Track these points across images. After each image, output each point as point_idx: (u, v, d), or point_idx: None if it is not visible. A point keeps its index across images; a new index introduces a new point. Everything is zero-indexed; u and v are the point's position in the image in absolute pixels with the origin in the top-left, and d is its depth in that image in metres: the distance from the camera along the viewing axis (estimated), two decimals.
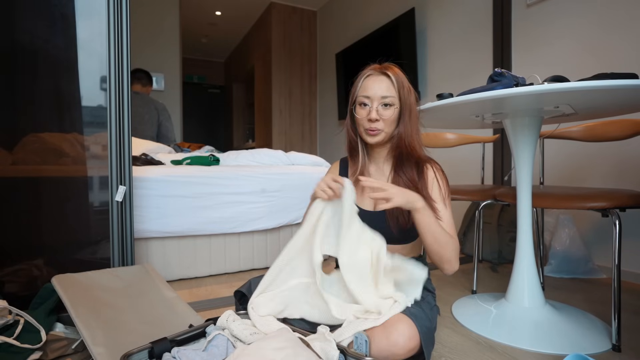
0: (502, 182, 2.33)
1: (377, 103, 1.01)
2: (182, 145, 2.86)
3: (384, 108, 1.01)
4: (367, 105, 1.02)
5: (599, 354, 1.05)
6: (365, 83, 1.04)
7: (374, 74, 1.03)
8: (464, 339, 1.15)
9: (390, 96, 1.00)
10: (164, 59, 4.08)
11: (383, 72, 1.02)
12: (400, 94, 1.01)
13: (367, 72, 1.05)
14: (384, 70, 1.02)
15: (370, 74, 1.04)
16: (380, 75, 1.02)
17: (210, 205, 1.79)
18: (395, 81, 1.01)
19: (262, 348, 0.72)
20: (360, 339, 0.84)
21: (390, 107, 1.01)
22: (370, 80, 1.03)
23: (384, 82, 1.01)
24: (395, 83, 1.01)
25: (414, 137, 1.03)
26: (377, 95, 1.01)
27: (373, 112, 1.00)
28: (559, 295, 1.55)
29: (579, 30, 1.94)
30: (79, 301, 1.04)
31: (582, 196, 1.13)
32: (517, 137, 1.24)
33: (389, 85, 1.01)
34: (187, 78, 6.44)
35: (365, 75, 1.04)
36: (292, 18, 4.62)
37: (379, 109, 1.01)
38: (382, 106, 1.01)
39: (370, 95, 1.01)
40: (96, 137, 1.34)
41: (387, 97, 1.00)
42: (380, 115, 1.01)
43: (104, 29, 1.32)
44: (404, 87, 1.01)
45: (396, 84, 1.01)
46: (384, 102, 1.01)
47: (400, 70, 1.04)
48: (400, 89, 1.01)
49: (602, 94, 0.94)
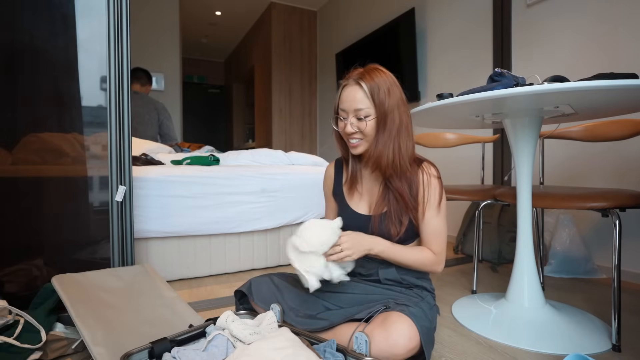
0: (502, 182, 2.33)
1: (351, 116, 0.97)
2: (182, 145, 2.86)
3: (358, 121, 0.97)
4: (343, 118, 0.99)
5: (599, 354, 1.05)
6: (341, 95, 1.00)
7: (348, 84, 0.99)
8: (464, 339, 1.15)
9: (363, 108, 0.95)
10: (163, 59, 4.08)
11: (357, 81, 0.97)
12: (375, 101, 0.95)
13: (344, 81, 1.01)
14: (359, 78, 0.97)
15: (346, 85, 1.00)
16: (354, 86, 0.97)
17: (210, 205, 1.79)
18: (368, 90, 0.95)
19: (262, 348, 0.72)
20: (360, 338, 0.84)
21: (365, 119, 0.96)
22: (345, 91, 0.99)
23: (358, 93, 0.96)
24: (369, 91, 0.95)
25: (391, 149, 0.96)
26: (350, 108, 0.97)
27: (348, 126, 0.97)
28: (559, 295, 1.55)
29: (579, 30, 1.94)
30: (79, 301, 1.04)
31: (582, 196, 1.13)
32: (517, 137, 1.24)
33: (362, 96, 0.96)
34: (187, 78, 6.43)
35: (342, 85, 1.01)
36: (292, 18, 4.62)
37: (353, 122, 0.97)
38: (356, 119, 0.97)
39: (345, 108, 0.98)
40: (96, 137, 1.34)
41: (360, 109, 0.95)
42: (357, 128, 0.97)
43: (104, 29, 1.32)
44: (380, 92, 0.95)
45: (369, 93, 0.95)
46: (357, 115, 0.96)
47: (380, 73, 0.97)
48: (374, 96, 0.95)
49: (602, 94, 0.94)
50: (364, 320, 0.92)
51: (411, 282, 1.04)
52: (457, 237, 2.38)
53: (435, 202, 1.00)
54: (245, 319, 0.98)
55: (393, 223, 0.99)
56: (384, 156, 0.96)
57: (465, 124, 1.46)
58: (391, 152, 0.96)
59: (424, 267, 1.00)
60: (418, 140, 2.00)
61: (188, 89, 6.06)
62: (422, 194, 1.00)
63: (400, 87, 1.00)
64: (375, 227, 1.01)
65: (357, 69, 1.00)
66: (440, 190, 1.01)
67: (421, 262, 0.99)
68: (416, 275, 1.05)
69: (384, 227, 1.00)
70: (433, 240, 1.01)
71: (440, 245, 1.01)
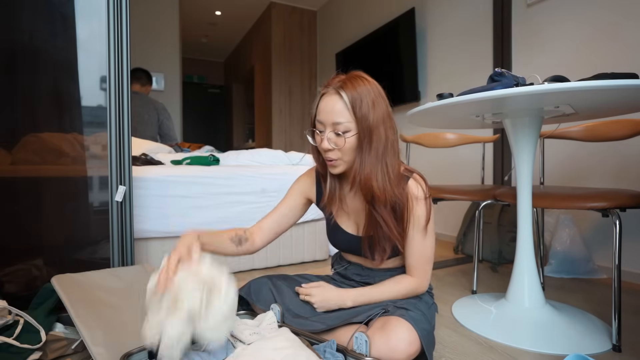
0: (502, 182, 2.33)
1: (329, 129, 0.86)
2: (182, 145, 2.86)
3: (336, 137, 0.85)
4: (321, 131, 0.88)
5: (599, 354, 1.05)
6: (319, 105, 0.88)
7: (328, 92, 0.87)
8: (464, 339, 1.14)
9: (343, 121, 0.84)
10: (163, 58, 4.08)
11: (337, 90, 0.85)
12: (357, 115, 0.83)
13: (322, 89, 0.89)
14: (339, 87, 0.85)
15: (325, 93, 0.88)
16: (333, 96, 0.85)
17: (210, 205, 1.79)
18: (349, 101, 0.83)
19: (262, 348, 0.71)
20: (360, 339, 0.84)
21: (344, 135, 0.84)
22: (323, 101, 0.87)
23: (337, 104, 0.84)
24: (349, 103, 0.83)
25: (380, 171, 0.85)
26: (328, 120, 0.85)
27: (324, 142, 0.86)
28: (559, 295, 1.55)
29: (579, 30, 1.94)
30: (79, 301, 1.03)
31: (582, 196, 1.13)
32: (517, 137, 1.23)
33: (342, 108, 0.84)
34: (187, 78, 6.43)
35: (321, 93, 0.89)
36: (292, 18, 4.62)
37: (330, 137, 0.86)
38: (334, 133, 0.85)
39: (323, 120, 0.86)
40: (96, 137, 1.34)
41: (339, 123, 0.84)
42: (335, 144, 0.86)
43: (104, 29, 1.32)
44: (363, 104, 0.83)
45: (350, 105, 0.83)
46: (335, 129, 0.85)
47: (364, 82, 0.86)
48: (356, 109, 0.83)
49: (602, 94, 0.93)
50: (364, 323, 0.92)
51: None
52: (457, 237, 2.38)
53: (421, 224, 0.91)
54: (245, 319, 0.97)
55: (378, 250, 0.94)
56: (373, 180, 0.85)
57: (465, 124, 1.46)
58: (380, 175, 0.85)
59: (406, 296, 0.96)
60: (418, 140, 2.00)
61: (188, 89, 6.06)
62: (406, 217, 0.91)
63: (387, 99, 0.89)
64: (366, 249, 0.96)
65: (339, 76, 0.89)
66: (427, 211, 0.91)
67: (402, 294, 0.96)
68: None
69: (372, 250, 0.95)
70: (418, 265, 0.95)
71: (425, 271, 0.96)
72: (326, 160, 0.90)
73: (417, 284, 0.97)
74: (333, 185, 0.97)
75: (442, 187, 1.64)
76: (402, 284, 0.97)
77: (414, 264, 0.96)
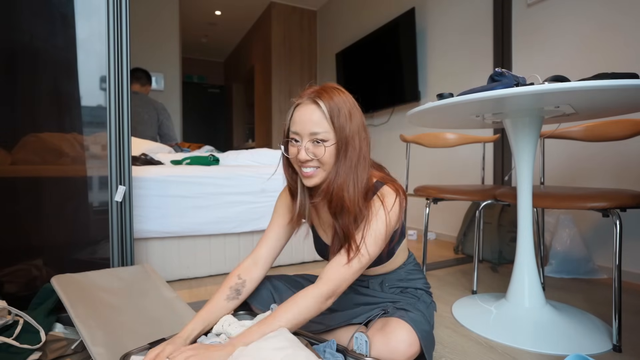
0: (503, 182, 2.33)
1: (306, 139, 0.84)
2: (182, 145, 2.86)
3: (315, 145, 0.83)
4: (297, 141, 0.85)
5: (599, 354, 1.04)
6: (295, 115, 0.86)
7: (304, 103, 0.85)
8: (464, 339, 1.14)
9: (321, 131, 0.82)
10: (163, 58, 4.08)
11: (314, 99, 0.84)
12: (334, 125, 0.82)
13: (297, 99, 0.87)
14: (316, 97, 0.84)
15: (300, 103, 0.86)
16: (310, 105, 0.84)
17: (210, 205, 1.79)
18: (327, 110, 0.82)
19: (262, 348, 0.71)
20: (360, 339, 0.84)
21: (322, 144, 0.83)
22: (299, 111, 0.85)
23: (315, 114, 0.83)
24: (328, 113, 0.82)
25: (352, 182, 0.83)
26: (305, 130, 0.83)
27: (302, 152, 0.83)
28: (560, 295, 1.54)
29: (579, 29, 1.94)
30: (79, 301, 1.03)
31: (582, 196, 1.13)
32: (517, 137, 1.23)
33: (320, 117, 0.83)
34: (187, 78, 6.43)
35: (294, 104, 0.87)
36: (292, 18, 4.62)
37: (308, 147, 0.83)
38: (312, 143, 0.83)
39: (299, 130, 0.84)
40: (96, 137, 1.34)
41: (317, 132, 0.82)
42: (313, 154, 0.83)
43: (104, 29, 1.32)
44: (341, 115, 0.82)
45: (328, 114, 0.82)
46: (314, 138, 0.83)
47: (340, 94, 0.85)
48: (334, 119, 0.82)
49: (602, 94, 0.93)
50: (363, 324, 0.92)
51: (402, 287, 1.03)
52: (458, 237, 2.38)
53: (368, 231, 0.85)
54: (244, 319, 0.97)
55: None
56: (345, 191, 0.83)
57: (465, 124, 1.46)
58: (351, 186, 0.83)
59: (312, 314, 0.83)
60: (418, 140, 2.00)
61: (188, 88, 6.06)
62: (363, 227, 0.85)
63: (361, 111, 0.88)
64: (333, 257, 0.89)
65: (312, 87, 0.88)
66: (383, 222, 0.85)
67: (306, 311, 0.81)
68: (405, 281, 1.03)
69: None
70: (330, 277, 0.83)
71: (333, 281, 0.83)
72: (301, 172, 0.86)
73: (321, 295, 0.83)
74: (304, 199, 0.94)
75: (442, 187, 1.64)
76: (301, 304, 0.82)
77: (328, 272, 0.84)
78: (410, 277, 1.04)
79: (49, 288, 1.11)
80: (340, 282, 0.83)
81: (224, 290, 0.95)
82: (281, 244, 1.03)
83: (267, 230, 1.02)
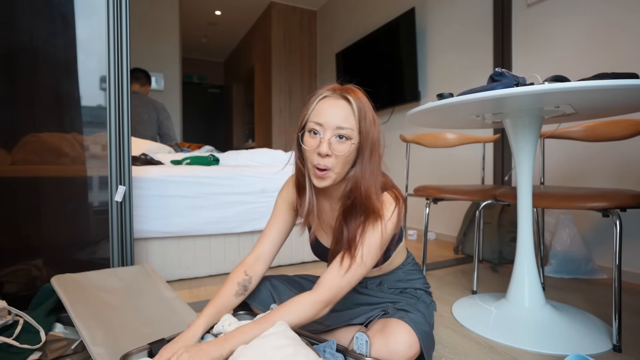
0: (503, 182, 2.33)
1: (330, 133, 0.80)
2: (182, 145, 2.86)
3: (339, 141, 0.81)
4: (318, 133, 0.82)
5: (599, 354, 1.04)
6: (319, 106, 0.83)
7: (331, 96, 0.83)
8: (464, 339, 1.14)
9: (347, 127, 0.80)
10: (163, 58, 4.08)
11: (343, 95, 0.82)
12: (361, 125, 0.81)
13: (323, 92, 0.85)
14: (345, 93, 0.82)
15: (327, 96, 0.84)
16: (339, 100, 0.82)
17: (210, 205, 1.79)
18: (356, 109, 0.81)
19: (262, 347, 0.71)
20: (360, 339, 0.84)
21: (347, 141, 0.81)
22: (326, 103, 0.82)
23: (343, 109, 0.81)
24: (357, 111, 0.81)
25: (371, 183, 0.83)
26: (331, 123, 0.80)
27: (324, 145, 0.80)
28: (560, 295, 1.54)
29: (579, 29, 1.94)
30: (79, 301, 1.03)
31: (582, 196, 1.13)
32: (517, 137, 1.23)
33: (348, 114, 0.81)
34: (187, 78, 6.43)
35: (320, 96, 0.84)
36: (292, 18, 4.62)
37: (331, 141, 0.80)
38: (336, 138, 0.81)
39: (324, 122, 0.81)
40: (96, 137, 1.34)
41: (343, 127, 0.80)
42: (332, 150, 0.80)
43: (104, 29, 1.32)
44: (367, 118, 0.82)
45: (357, 113, 0.81)
46: (339, 133, 0.80)
47: (364, 96, 0.84)
48: (361, 120, 0.81)
49: (602, 94, 0.93)
50: (364, 325, 0.92)
51: (402, 287, 1.03)
52: (458, 237, 2.38)
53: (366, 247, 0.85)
54: (244, 319, 0.97)
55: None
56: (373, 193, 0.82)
57: (465, 124, 1.46)
58: (367, 180, 0.83)
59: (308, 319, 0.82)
60: (418, 140, 2.00)
61: (188, 88, 6.06)
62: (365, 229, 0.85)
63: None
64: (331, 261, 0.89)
65: (337, 85, 0.87)
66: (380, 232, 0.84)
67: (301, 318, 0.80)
68: (404, 281, 1.03)
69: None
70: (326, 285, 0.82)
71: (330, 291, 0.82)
72: (316, 168, 0.83)
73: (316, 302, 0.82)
74: (312, 199, 0.92)
75: (442, 187, 1.64)
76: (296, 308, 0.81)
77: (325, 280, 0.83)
78: (409, 278, 1.04)
79: (49, 288, 1.11)
80: (337, 292, 0.83)
81: (232, 285, 0.94)
82: (282, 240, 1.03)
83: (268, 226, 1.02)
